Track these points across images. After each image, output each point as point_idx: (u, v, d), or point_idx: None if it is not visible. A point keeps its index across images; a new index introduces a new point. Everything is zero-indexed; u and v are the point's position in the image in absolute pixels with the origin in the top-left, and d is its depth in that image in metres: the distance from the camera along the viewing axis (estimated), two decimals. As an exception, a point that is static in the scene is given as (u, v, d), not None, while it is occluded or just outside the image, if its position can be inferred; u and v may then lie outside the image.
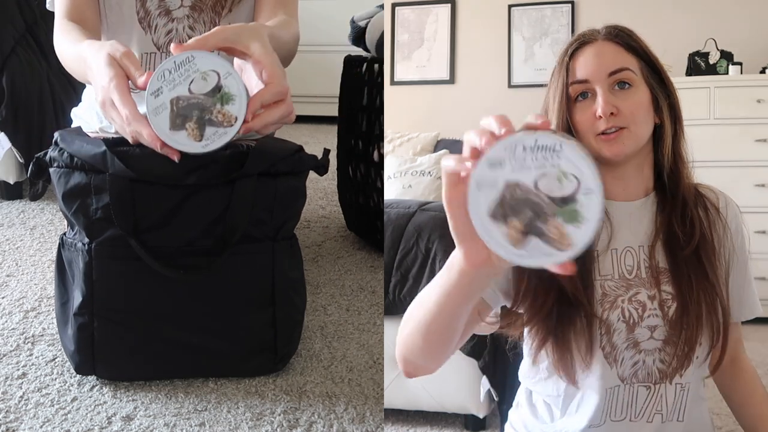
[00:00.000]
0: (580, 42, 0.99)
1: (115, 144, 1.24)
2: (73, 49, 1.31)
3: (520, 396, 1.09)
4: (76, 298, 1.26)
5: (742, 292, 1.04)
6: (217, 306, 1.28)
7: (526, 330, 0.99)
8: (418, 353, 0.85)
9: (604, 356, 0.97)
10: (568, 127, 0.97)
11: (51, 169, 1.26)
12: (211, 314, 1.28)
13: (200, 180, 1.21)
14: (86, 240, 1.24)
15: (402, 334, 0.86)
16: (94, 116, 1.68)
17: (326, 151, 1.40)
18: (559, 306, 0.94)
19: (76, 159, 1.22)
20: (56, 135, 1.28)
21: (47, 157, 1.26)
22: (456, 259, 0.68)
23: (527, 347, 1.01)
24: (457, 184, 0.62)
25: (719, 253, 1.00)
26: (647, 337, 0.96)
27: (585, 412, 0.99)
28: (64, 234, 1.29)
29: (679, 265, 0.96)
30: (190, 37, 1.53)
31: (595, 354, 0.97)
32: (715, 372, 1.02)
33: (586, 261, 0.97)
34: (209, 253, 1.24)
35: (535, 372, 1.02)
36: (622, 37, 0.99)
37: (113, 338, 1.27)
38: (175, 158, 1.08)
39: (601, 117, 0.94)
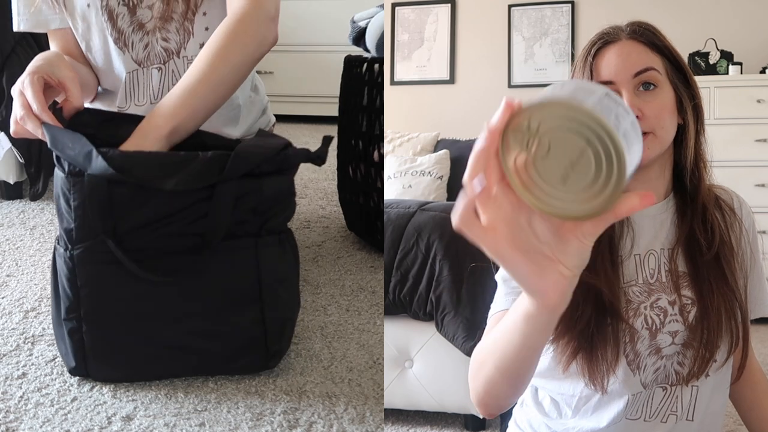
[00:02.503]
0: (604, 41, 0.97)
1: (96, 145, 1.23)
2: None
3: (525, 394, 1.09)
4: (64, 302, 1.26)
5: (757, 291, 1.04)
6: (203, 305, 1.28)
7: (555, 343, 0.96)
8: (504, 396, 0.83)
9: (627, 364, 0.96)
10: None
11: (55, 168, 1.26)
12: (197, 313, 1.28)
13: (180, 185, 1.19)
14: (68, 245, 1.24)
15: (478, 381, 0.83)
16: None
17: (326, 140, 1.33)
18: (596, 316, 0.93)
19: (61, 160, 1.21)
20: (47, 132, 1.26)
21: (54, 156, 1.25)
22: (530, 308, 0.62)
23: (550, 354, 1.00)
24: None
25: (737, 254, 0.99)
26: (669, 342, 0.96)
27: (604, 416, 0.98)
28: (58, 237, 1.29)
29: (699, 270, 0.96)
30: (165, 50, 1.50)
31: (619, 362, 0.96)
32: (740, 377, 1.01)
33: (615, 267, 0.96)
34: (191, 254, 1.24)
35: (550, 370, 1.00)
36: (647, 36, 0.97)
37: (103, 341, 1.27)
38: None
39: None
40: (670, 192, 1.01)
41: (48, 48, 1.59)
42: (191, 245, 1.24)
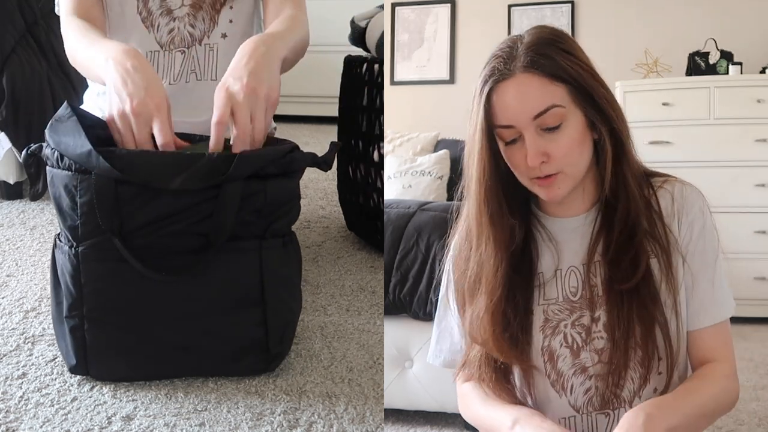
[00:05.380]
0: (496, 80, 0.88)
1: (102, 143, 1.23)
2: (92, 49, 1.35)
3: None
4: (66, 299, 1.26)
5: (710, 292, 0.94)
6: (205, 305, 1.28)
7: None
8: None
9: (551, 384, 0.94)
10: (496, 173, 0.90)
11: (47, 167, 1.26)
12: (200, 313, 1.28)
13: (185, 185, 1.20)
14: (73, 242, 1.24)
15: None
16: (97, 111, 1.68)
17: (333, 146, 1.33)
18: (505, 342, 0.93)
19: (65, 158, 1.21)
20: (46, 131, 1.26)
21: (42, 154, 1.25)
22: None
23: None
24: None
25: (674, 265, 0.92)
26: (595, 361, 0.92)
27: None
28: (58, 235, 1.29)
29: (613, 290, 0.91)
30: (190, 35, 1.56)
31: (539, 386, 0.94)
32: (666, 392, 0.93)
33: (529, 287, 0.93)
34: (195, 254, 1.24)
35: None
36: (544, 67, 0.87)
37: (104, 340, 1.27)
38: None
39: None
40: (596, 203, 0.95)
41: (48, 47, 1.59)
42: (196, 245, 1.24)
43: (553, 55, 0.87)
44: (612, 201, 0.92)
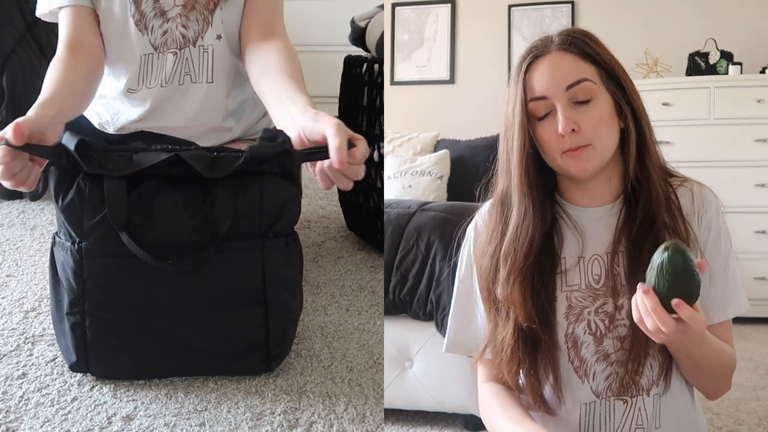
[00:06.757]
0: (534, 55, 0.96)
1: (106, 142, 1.24)
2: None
3: None
4: (68, 295, 1.26)
5: (723, 290, 0.98)
6: (206, 303, 1.28)
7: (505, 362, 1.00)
8: None
9: (574, 370, 0.96)
10: (533, 146, 0.95)
11: (52, 166, 1.26)
12: (201, 312, 1.28)
13: (182, 178, 1.20)
14: (76, 238, 1.24)
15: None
16: (94, 115, 1.69)
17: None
18: (522, 333, 0.95)
19: (69, 156, 1.22)
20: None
21: None
22: None
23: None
24: None
25: None
26: (617, 348, 0.94)
27: (564, 430, 0.97)
28: (57, 233, 1.29)
29: (636, 278, 0.92)
30: (183, 36, 1.55)
31: (562, 371, 0.95)
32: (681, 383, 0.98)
33: (546, 276, 0.96)
34: (195, 251, 1.24)
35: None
36: (578, 45, 0.95)
37: (105, 337, 1.27)
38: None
39: (563, 135, 0.92)
40: (620, 195, 0.98)
41: (48, 47, 1.60)
42: (197, 242, 1.24)
43: (585, 41, 0.96)
44: (636, 193, 0.96)
